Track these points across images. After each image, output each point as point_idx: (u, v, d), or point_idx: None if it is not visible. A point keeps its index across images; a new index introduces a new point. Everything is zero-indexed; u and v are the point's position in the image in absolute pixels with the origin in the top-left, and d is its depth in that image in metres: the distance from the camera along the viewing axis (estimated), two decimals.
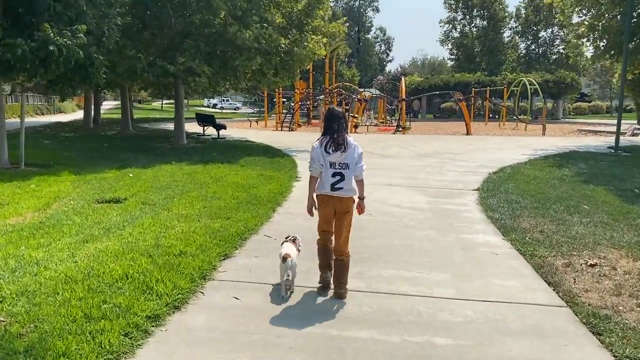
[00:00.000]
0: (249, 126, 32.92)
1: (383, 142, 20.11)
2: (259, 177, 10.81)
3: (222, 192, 9.08)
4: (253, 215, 7.31)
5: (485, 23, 64.62)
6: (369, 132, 27.06)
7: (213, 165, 12.55)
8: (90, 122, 28.44)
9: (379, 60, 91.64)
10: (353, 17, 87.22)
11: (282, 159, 13.95)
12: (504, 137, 23.87)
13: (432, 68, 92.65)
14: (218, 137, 21.20)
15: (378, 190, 9.92)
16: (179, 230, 6.33)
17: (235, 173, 11.25)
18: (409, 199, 9.19)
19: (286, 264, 4.42)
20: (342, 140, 4.41)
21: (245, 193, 8.99)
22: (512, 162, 13.95)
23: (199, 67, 14.93)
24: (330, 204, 4.49)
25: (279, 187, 9.64)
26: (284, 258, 4.43)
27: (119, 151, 15.69)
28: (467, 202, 9.04)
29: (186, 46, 15.59)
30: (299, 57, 15.57)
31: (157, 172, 11.42)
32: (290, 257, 4.45)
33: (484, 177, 11.64)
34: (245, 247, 5.97)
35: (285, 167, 12.56)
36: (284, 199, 8.88)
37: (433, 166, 13.38)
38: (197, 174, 11.21)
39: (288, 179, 10.76)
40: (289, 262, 4.42)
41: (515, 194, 9.49)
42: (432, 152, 16.74)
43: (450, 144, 19.57)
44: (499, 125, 34.09)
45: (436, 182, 10.96)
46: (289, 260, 4.42)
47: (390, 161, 14.37)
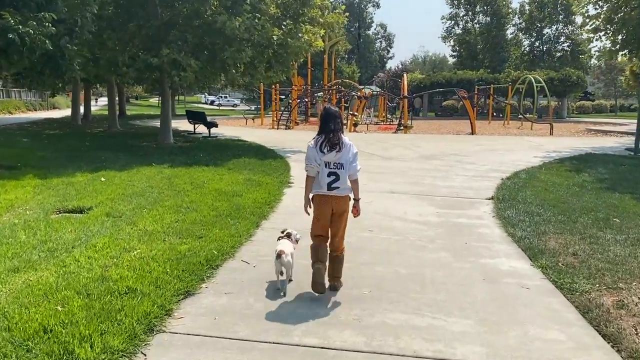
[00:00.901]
0: (244, 124, 31.74)
1: (384, 142, 18.93)
2: (245, 182, 9.64)
3: (200, 201, 7.91)
4: (231, 232, 6.14)
5: (488, 19, 63.28)
6: (369, 131, 25.88)
7: (197, 168, 11.38)
8: (78, 119, 27.28)
9: (380, 57, 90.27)
10: (353, 13, 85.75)
11: (275, 161, 12.78)
12: (511, 137, 22.68)
13: (434, 65, 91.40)
14: (209, 136, 20.03)
15: (380, 199, 8.76)
16: (136, 255, 5.16)
17: (220, 178, 10.08)
18: (415, 210, 8.03)
19: (280, 261, 4.39)
20: (337, 140, 4.37)
21: (227, 203, 7.82)
22: (525, 166, 12.79)
23: (185, 60, 13.74)
24: (327, 204, 4.47)
25: (267, 196, 8.47)
26: (279, 254, 4.40)
27: (99, 150, 14.52)
28: (481, 214, 7.88)
29: (172, 37, 14.41)
30: (294, 49, 14.36)
31: (133, 176, 10.26)
32: (285, 253, 4.41)
33: (496, 183, 10.48)
34: (215, 278, 4.79)
35: (277, 170, 11.40)
36: (272, 210, 7.71)
37: (439, 170, 12.21)
38: (177, 178, 10.05)
39: (278, 185, 9.59)
40: (283, 258, 4.38)
41: (535, 204, 8.33)
42: (438, 153, 15.57)
43: (455, 145, 18.40)
44: (503, 124, 32.93)
45: (444, 189, 9.80)
46: (283, 257, 4.38)
47: (393, 164, 13.20)
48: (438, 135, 23.44)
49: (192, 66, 13.89)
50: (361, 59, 79.85)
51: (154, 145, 15.87)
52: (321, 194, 4.48)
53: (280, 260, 4.40)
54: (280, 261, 4.41)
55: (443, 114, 49.13)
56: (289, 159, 13.67)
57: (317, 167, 4.41)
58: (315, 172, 4.46)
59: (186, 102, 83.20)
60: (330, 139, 4.37)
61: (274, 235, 6.31)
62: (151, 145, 15.94)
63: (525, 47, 63.37)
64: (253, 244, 5.94)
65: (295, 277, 4.76)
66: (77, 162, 12.18)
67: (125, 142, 17.08)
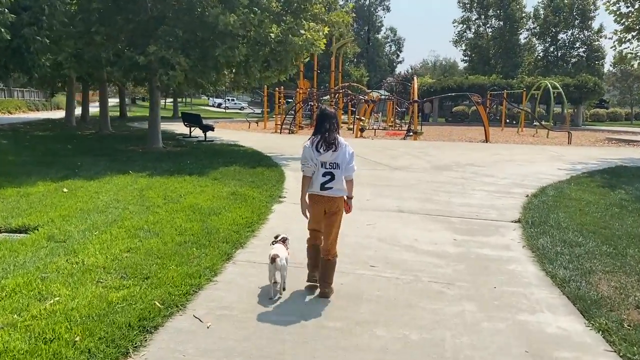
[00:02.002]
0: (247, 127, 30.42)
1: (392, 150, 17.51)
2: (229, 197, 8.25)
3: (168, 221, 6.55)
4: (190, 270, 4.75)
5: (501, 23, 61.67)
6: (376, 137, 24.45)
7: (178, 177, 10.02)
8: (73, 120, 26.09)
9: (389, 61, 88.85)
10: (363, 16, 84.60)
11: (269, 170, 11.40)
12: (529, 146, 21.15)
13: (444, 70, 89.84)
14: (205, 140, 18.69)
15: (385, 220, 7.36)
16: (48, 308, 3.78)
17: (201, 190, 8.71)
18: (428, 236, 6.62)
19: (275, 265, 4.32)
20: (333, 139, 4.39)
21: (199, 224, 6.45)
22: (550, 180, 11.33)
23: (174, 58, 12.42)
24: (320, 204, 4.46)
25: (250, 215, 7.08)
26: (273, 259, 4.33)
27: (78, 155, 13.22)
28: (508, 243, 6.46)
29: (161, 32, 13.10)
30: (293, 47, 12.98)
31: (102, 186, 8.92)
32: (279, 257, 4.33)
33: (521, 200, 9.04)
34: (147, 350, 3.38)
35: (269, 181, 10.02)
36: (253, 234, 6.32)
37: (454, 183, 10.77)
38: (151, 189, 8.69)
39: (267, 201, 8.20)
40: (277, 262, 4.31)
41: (571, 230, 6.89)
42: (451, 163, 14.12)
43: (470, 153, 16.93)
44: (517, 132, 31.39)
45: (461, 208, 8.37)
46: (277, 261, 4.31)
47: (401, 175, 11.78)
48: (450, 143, 21.97)
49: (181, 64, 12.56)
50: (370, 63, 78.46)
51: (139, 150, 14.54)
52: (314, 193, 4.45)
53: (274, 264, 4.31)
54: (275, 265, 4.31)
55: (453, 120, 47.60)
56: (285, 167, 12.29)
57: (314, 167, 4.38)
58: (311, 172, 4.42)
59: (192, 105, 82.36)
60: (326, 138, 4.36)
61: (247, 273, 4.94)
62: (137, 150, 14.61)
63: (539, 52, 61.72)
64: (217, 288, 4.54)
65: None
66: (46, 168, 10.87)
67: (112, 145, 15.77)
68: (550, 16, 57.66)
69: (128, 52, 12.81)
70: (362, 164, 13.38)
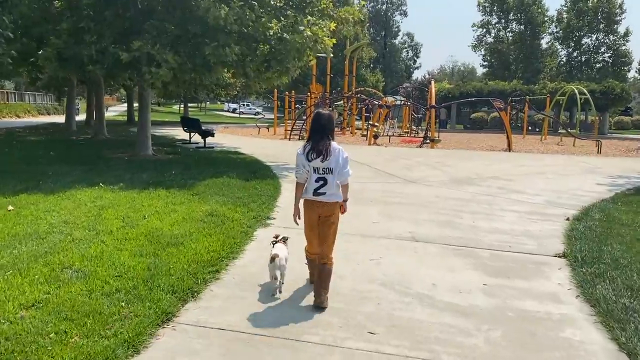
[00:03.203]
0: (257, 133, 29.01)
1: (407, 159, 15.90)
2: (203, 219, 6.75)
3: (110, 255, 5.07)
4: (97, 348, 3.23)
5: (522, 27, 59.61)
6: (391, 144, 22.84)
7: (154, 191, 8.56)
8: (72, 125, 24.92)
9: (406, 67, 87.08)
10: (380, 21, 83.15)
11: (263, 183, 9.90)
12: (557, 156, 19.34)
13: (462, 76, 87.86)
14: (204, 146, 17.29)
15: (394, 253, 5.80)
16: None
17: (172, 210, 7.22)
18: (450, 279, 5.04)
19: (274, 264, 4.34)
20: (323, 148, 4.24)
21: (148, 260, 4.96)
22: (591, 198, 9.67)
23: (161, 55, 11.01)
24: (313, 209, 4.37)
25: (220, 246, 5.56)
26: (272, 258, 4.36)
27: (56, 163, 11.86)
28: (557, 291, 4.86)
29: (148, 26, 11.71)
30: (294, 45, 11.45)
31: (58, 203, 7.48)
32: (279, 256, 4.37)
33: (562, 225, 7.42)
34: None
35: (260, 197, 8.51)
36: (215, 276, 4.80)
37: (478, 201, 9.15)
38: (114, 208, 7.23)
39: (250, 224, 6.68)
40: (277, 261, 4.34)
41: (636, 271, 5.28)
42: (473, 176, 12.48)
43: (493, 164, 15.25)
44: (540, 140, 29.52)
45: (490, 236, 6.76)
46: (277, 260, 4.34)
47: (416, 190, 10.18)
48: (470, 152, 20.25)
49: (169, 62, 11.14)
50: (386, 68, 76.87)
51: (125, 158, 13.14)
52: (308, 198, 4.39)
53: (274, 263, 4.36)
54: (274, 265, 4.36)
55: (472, 127, 45.70)
56: (284, 179, 10.79)
57: (307, 174, 4.34)
58: (304, 179, 4.39)
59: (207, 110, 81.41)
60: (316, 147, 4.27)
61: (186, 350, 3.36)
62: (124, 158, 13.21)
63: (561, 57, 59.53)
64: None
65: None
66: (9, 178, 9.48)
67: (98, 152, 14.41)
68: (574, 20, 55.48)
69: (111, 49, 11.43)
70: (371, 176, 11.81)
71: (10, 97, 47.35)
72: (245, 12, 11.12)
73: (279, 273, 4.40)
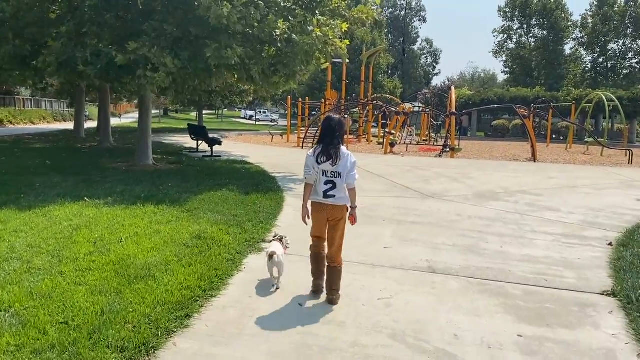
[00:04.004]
0: (270, 140, 28.22)
1: (425, 170, 14.88)
2: (188, 242, 5.85)
3: (62, 293, 4.22)
4: None
5: (545, 33, 58.04)
6: (409, 153, 21.81)
7: (143, 207, 7.71)
8: (81, 132, 24.39)
9: (425, 73, 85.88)
10: (398, 27, 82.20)
11: (265, 197, 9.00)
12: (587, 167, 18.11)
13: (483, 83, 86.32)
14: (211, 155, 16.49)
15: (408, 290, 4.83)
16: None
17: (156, 230, 6.34)
18: (476, 328, 4.06)
19: (272, 261, 4.53)
20: (333, 152, 4.31)
21: (108, 300, 4.08)
22: (635, 217, 8.56)
23: (158, 58, 10.20)
24: (323, 212, 4.42)
25: (198, 280, 4.65)
26: (270, 256, 4.54)
27: (48, 174, 11.13)
28: (610, 346, 3.86)
29: (146, 28, 10.94)
30: (301, 47, 10.53)
31: (30, 221, 6.68)
32: (277, 254, 4.55)
33: (604, 252, 6.37)
34: None
35: (259, 214, 7.60)
36: (184, 323, 3.86)
37: (506, 220, 8.11)
38: (91, 227, 6.39)
39: (241, 249, 5.76)
40: (275, 259, 4.53)
41: None
42: (498, 189, 11.42)
43: (519, 177, 14.14)
44: (565, 149, 28.21)
45: (521, 266, 5.75)
46: (275, 257, 4.53)
47: (435, 206, 9.17)
48: (492, 161, 19.12)
49: (167, 65, 10.33)
50: (405, 75, 75.78)
51: (123, 168, 12.36)
52: (317, 201, 4.44)
53: (272, 260, 4.53)
54: (273, 262, 4.53)
55: (493, 135, 44.34)
56: (289, 192, 9.88)
57: (316, 175, 4.39)
58: (313, 180, 4.44)
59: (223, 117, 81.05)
60: (327, 150, 4.32)
61: None
62: (122, 168, 12.43)
63: (586, 63, 57.81)
64: None
65: None
66: None
67: (97, 161, 13.67)
68: (599, 25, 53.81)
69: (106, 50, 10.67)
70: (385, 189, 10.83)
71: (27, 103, 47.35)
72: (249, 11, 10.27)
73: (277, 270, 4.63)
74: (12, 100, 43.61)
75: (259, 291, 4.62)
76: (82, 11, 12.24)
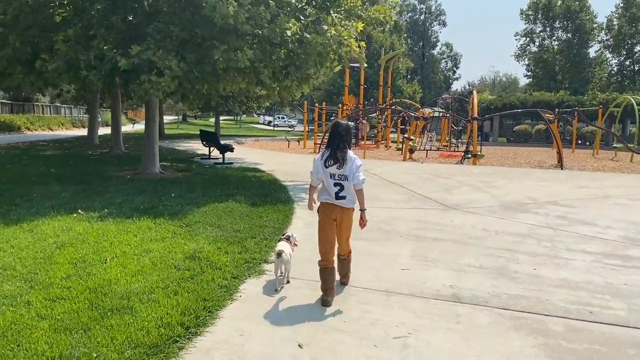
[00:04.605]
0: (286, 147, 27.61)
1: (446, 178, 14.08)
2: (181, 263, 5.21)
3: (21, 331, 3.63)
4: None
5: (569, 36, 56.57)
6: (428, 159, 20.99)
7: (139, 222, 7.10)
8: (94, 138, 24.05)
9: (445, 77, 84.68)
10: (417, 32, 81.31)
11: (273, 209, 8.34)
12: (619, 175, 17.09)
13: (504, 87, 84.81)
14: (222, 162, 15.91)
15: (428, 325, 4.10)
16: None
17: (147, 249, 5.72)
18: None
19: (281, 259, 4.62)
20: (340, 156, 4.46)
21: (70, 340, 3.46)
22: None
23: (163, 61, 9.64)
24: (332, 213, 4.54)
25: (181, 313, 3.98)
26: (279, 254, 4.62)
27: (48, 183, 10.64)
28: None
29: (151, 30, 10.41)
30: (314, 48, 9.86)
31: (13, 238, 6.12)
32: (285, 252, 4.64)
33: None
34: None
35: (263, 230, 6.93)
36: None
37: (538, 236, 7.31)
38: (75, 246, 5.79)
39: (237, 273, 5.09)
40: (283, 257, 4.62)
41: None
42: (525, 199, 10.58)
43: (547, 185, 13.26)
44: (592, 154, 27.08)
45: (559, 292, 4.97)
46: (283, 256, 4.61)
47: (459, 219, 8.40)
48: (517, 169, 18.20)
49: (172, 69, 9.76)
50: (424, 79, 74.78)
51: (128, 176, 11.82)
52: (329, 202, 4.54)
53: (280, 258, 4.61)
54: (281, 259, 4.62)
55: (515, 140, 43.14)
56: (299, 203, 9.20)
57: (322, 178, 4.54)
58: (317, 183, 4.63)
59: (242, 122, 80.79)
60: (334, 154, 4.46)
61: None
62: (126, 176, 11.89)
63: (612, 66, 56.16)
64: None
65: None
66: None
67: (103, 169, 13.17)
68: (626, 27, 52.20)
69: (110, 54, 10.15)
70: (404, 200, 10.09)
71: (46, 110, 47.59)
72: (258, 11, 9.66)
73: (284, 268, 4.76)
74: (31, 106, 43.82)
75: (252, 327, 3.94)
76: (89, 14, 11.81)
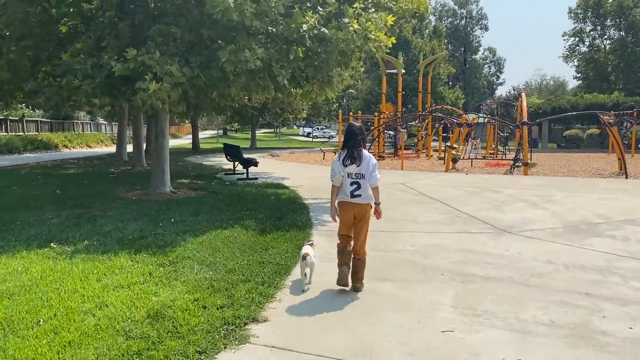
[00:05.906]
0: (321, 158, 26.23)
1: (495, 191, 12.32)
2: (137, 326, 3.82)
3: None
4: None
5: (622, 34, 53.20)
6: (473, 169, 19.16)
7: (114, 258, 5.79)
8: (123, 155, 23.33)
9: (488, 83, 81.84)
10: (458, 37, 78.92)
11: (283, 238, 6.91)
12: None
13: (552, 90, 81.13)
14: (246, 177, 14.64)
15: None
16: None
17: (103, 302, 4.37)
18: None
19: (306, 262, 4.87)
20: (357, 155, 4.75)
21: None
22: None
23: (162, 65, 8.42)
24: (350, 210, 4.85)
25: None
26: (304, 257, 4.88)
27: (47, 205, 9.60)
28: None
29: (152, 32, 9.25)
30: (336, 45, 8.41)
31: None
32: (310, 255, 4.90)
33: None
34: None
35: (264, 268, 5.50)
36: None
37: (622, 271, 5.58)
38: (12, 299, 4.52)
39: (207, 345, 3.65)
40: (308, 259, 4.87)
41: None
42: (595, 218, 8.76)
43: (616, 198, 11.32)
44: None
45: None
46: (308, 258, 4.87)
47: (513, 247, 6.73)
48: (575, 178, 16.15)
49: (174, 75, 8.51)
50: (467, 85, 72.21)
51: (133, 198, 10.64)
52: (345, 200, 4.85)
53: (305, 261, 4.87)
54: (306, 262, 4.87)
55: (566, 146, 40.38)
56: (319, 227, 7.75)
57: (342, 178, 4.83)
58: (339, 182, 4.87)
59: (281, 135, 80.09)
60: (351, 154, 4.76)
61: None
62: (132, 198, 10.72)
63: None
64: None
65: None
66: None
67: (113, 189, 12.05)
68: None
69: (105, 60, 9.01)
70: (445, 221, 8.44)
71: (86, 127, 47.95)
72: (269, 4, 8.31)
73: (309, 270, 4.95)
74: (70, 124, 44.11)
75: None
76: (99, 23, 10.82)
